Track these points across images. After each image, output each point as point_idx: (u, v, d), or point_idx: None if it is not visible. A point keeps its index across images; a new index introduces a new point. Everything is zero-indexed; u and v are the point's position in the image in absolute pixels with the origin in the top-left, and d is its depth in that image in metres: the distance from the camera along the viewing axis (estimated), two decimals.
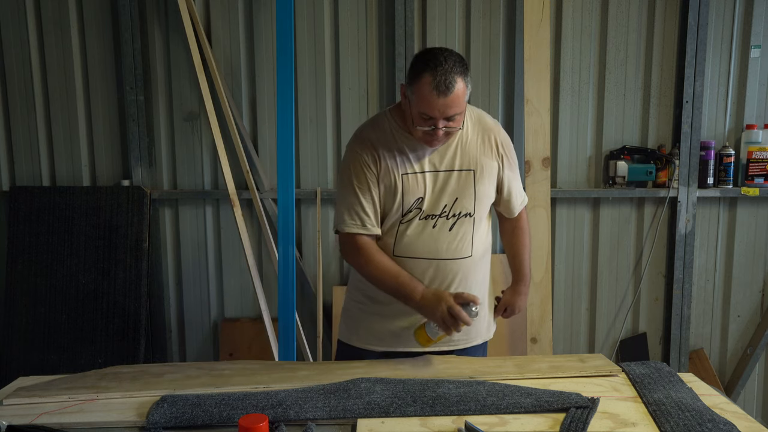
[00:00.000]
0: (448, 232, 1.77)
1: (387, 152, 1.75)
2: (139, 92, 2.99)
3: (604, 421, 1.33)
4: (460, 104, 1.63)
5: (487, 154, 1.80)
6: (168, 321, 3.18)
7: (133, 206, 2.98)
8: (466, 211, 1.77)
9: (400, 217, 1.76)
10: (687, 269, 3.08)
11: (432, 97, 1.60)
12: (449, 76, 1.59)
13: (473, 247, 1.80)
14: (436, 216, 1.76)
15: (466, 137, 1.78)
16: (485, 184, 1.79)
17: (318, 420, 1.35)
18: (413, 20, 2.95)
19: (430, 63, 1.61)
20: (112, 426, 1.35)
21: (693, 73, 2.96)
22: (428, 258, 1.76)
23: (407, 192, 1.74)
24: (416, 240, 1.76)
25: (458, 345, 1.85)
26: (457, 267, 1.78)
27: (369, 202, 1.75)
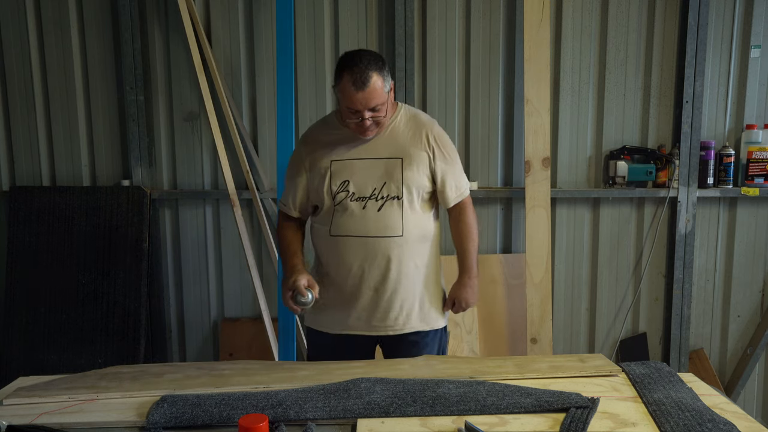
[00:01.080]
0: (377, 213, 1.96)
1: (324, 144, 2.01)
2: (139, 92, 2.99)
3: (604, 421, 1.33)
4: (378, 96, 1.86)
5: (416, 145, 1.99)
6: (168, 321, 3.18)
7: (133, 206, 2.98)
8: (394, 194, 1.96)
9: (332, 200, 1.98)
10: (687, 269, 3.08)
11: (352, 92, 1.85)
12: (364, 73, 1.84)
13: (404, 227, 1.96)
14: (366, 198, 1.96)
15: (397, 130, 2.00)
16: (413, 172, 1.97)
17: (318, 420, 1.35)
18: (413, 20, 2.95)
19: (348, 63, 1.87)
20: (112, 426, 1.35)
21: (693, 73, 2.96)
22: (359, 236, 1.96)
23: (335, 176, 1.97)
24: (348, 219, 1.96)
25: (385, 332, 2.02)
26: (386, 245, 1.95)
27: (293, 189, 2.05)
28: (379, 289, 1.97)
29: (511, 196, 3.05)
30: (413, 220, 1.98)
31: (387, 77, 1.90)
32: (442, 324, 2.12)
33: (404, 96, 2.96)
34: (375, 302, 1.99)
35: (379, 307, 1.99)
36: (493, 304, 3.03)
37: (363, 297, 1.98)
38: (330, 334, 2.05)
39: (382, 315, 2.00)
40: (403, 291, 1.99)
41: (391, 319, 2.00)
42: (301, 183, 2.04)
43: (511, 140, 3.05)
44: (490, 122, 3.03)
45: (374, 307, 1.99)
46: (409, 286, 2.00)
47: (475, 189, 3.00)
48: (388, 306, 1.99)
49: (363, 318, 2.00)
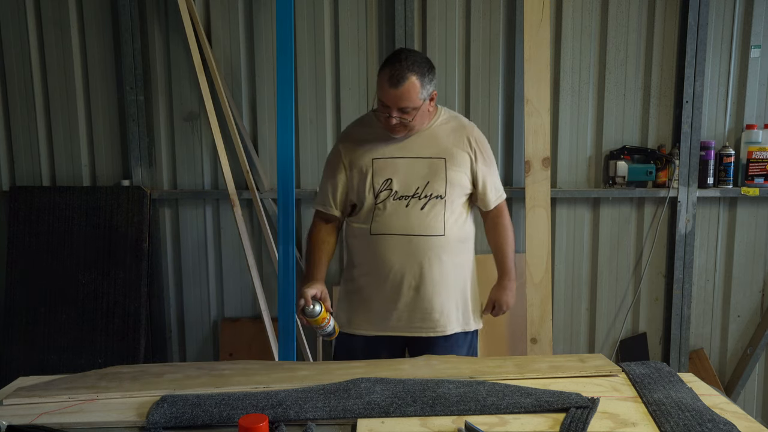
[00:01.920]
0: (420, 211, 1.95)
1: (364, 142, 2.00)
2: (139, 92, 2.99)
3: (604, 421, 1.33)
4: (410, 99, 1.86)
5: (458, 146, 1.99)
6: (168, 321, 3.18)
7: (133, 206, 2.98)
8: (437, 194, 1.95)
9: (374, 198, 1.97)
10: (687, 269, 3.08)
11: (386, 87, 1.87)
12: (403, 72, 1.84)
13: (446, 227, 1.96)
14: (409, 197, 1.95)
15: (439, 131, 2.01)
16: (456, 172, 1.97)
17: (318, 420, 1.34)
18: (413, 20, 2.95)
19: (392, 59, 1.89)
20: (112, 426, 1.35)
21: (693, 73, 2.96)
22: (401, 234, 1.95)
23: (377, 174, 1.97)
24: (390, 217, 1.95)
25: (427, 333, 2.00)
26: (429, 243, 1.95)
27: (332, 187, 2.03)
28: (420, 288, 1.96)
29: (511, 196, 3.04)
30: (454, 220, 1.98)
31: (428, 84, 1.89)
32: (479, 326, 2.11)
33: None
34: (416, 302, 1.98)
35: (420, 307, 1.98)
36: None
37: (404, 296, 1.97)
38: (364, 337, 2.03)
39: (423, 315, 1.98)
40: (444, 291, 1.98)
41: (433, 320, 1.99)
42: (341, 181, 2.02)
43: (511, 140, 3.05)
44: (490, 122, 3.03)
45: (414, 307, 1.98)
46: (449, 287, 1.99)
47: None
48: (429, 306, 1.98)
49: (404, 318, 1.99)
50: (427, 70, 1.90)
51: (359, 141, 2.02)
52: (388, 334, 2.01)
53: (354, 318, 2.05)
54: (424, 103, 1.90)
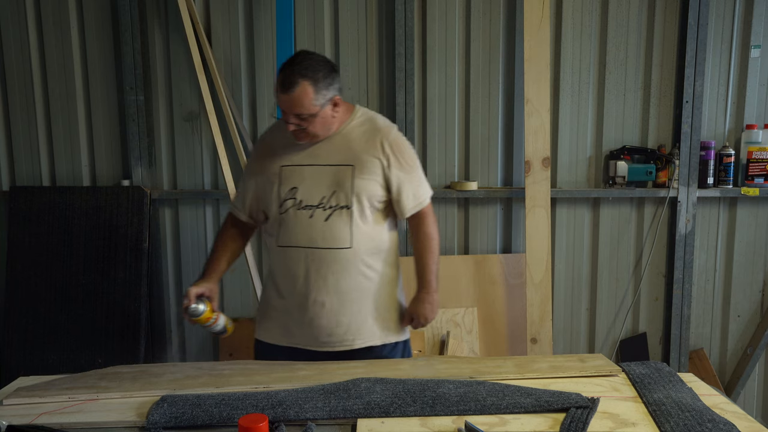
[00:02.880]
0: (324, 222, 1.86)
1: (277, 148, 1.94)
2: (139, 92, 2.99)
3: (604, 421, 1.33)
4: (303, 105, 1.78)
5: (370, 152, 1.88)
6: (168, 321, 3.18)
7: (133, 206, 2.98)
8: (342, 204, 1.86)
9: (279, 207, 1.89)
10: (687, 269, 3.08)
11: (279, 92, 1.80)
12: (293, 77, 1.76)
13: (353, 239, 1.86)
14: (313, 207, 1.87)
15: (350, 136, 1.91)
16: (365, 180, 1.86)
17: (318, 420, 1.35)
18: (413, 20, 2.95)
19: (286, 62, 1.81)
20: (112, 426, 1.35)
21: (693, 73, 2.96)
22: (305, 246, 1.87)
23: (283, 182, 1.89)
24: (294, 229, 1.88)
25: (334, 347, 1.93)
26: (333, 257, 1.86)
27: (243, 191, 2.00)
28: (326, 303, 1.87)
29: (511, 196, 3.05)
30: (364, 232, 1.87)
31: (324, 90, 1.79)
32: (401, 338, 2.02)
33: (404, 96, 2.96)
34: (321, 317, 1.89)
35: (326, 322, 1.89)
36: (493, 304, 3.03)
37: (309, 311, 1.88)
38: (279, 346, 1.96)
39: (329, 330, 1.90)
40: (351, 305, 1.89)
41: (339, 334, 1.90)
42: (251, 187, 1.97)
43: (511, 140, 3.05)
44: (490, 122, 3.03)
45: (320, 323, 1.89)
46: (358, 301, 1.90)
47: (475, 189, 3.01)
48: (335, 321, 1.89)
49: (309, 334, 1.91)
50: (324, 75, 1.79)
51: (271, 147, 1.95)
52: (299, 347, 1.94)
53: (269, 326, 2.00)
54: (321, 109, 1.80)
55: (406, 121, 2.97)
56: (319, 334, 1.91)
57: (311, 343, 1.93)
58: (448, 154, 3.05)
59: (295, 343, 1.94)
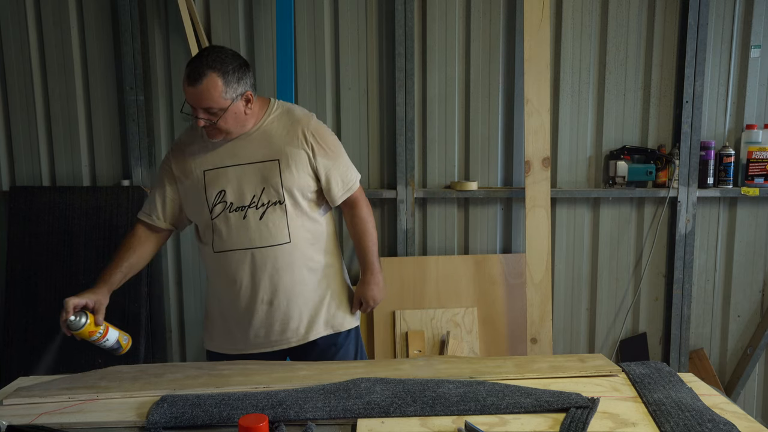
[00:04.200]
0: (259, 221, 1.84)
1: (195, 152, 1.88)
2: (139, 92, 2.99)
3: (604, 421, 1.33)
4: (211, 97, 1.73)
5: (293, 143, 1.86)
6: (168, 321, 3.17)
7: (133, 206, 2.98)
8: (275, 199, 1.84)
9: (209, 213, 1.86)
10: (687, 269, 3.08)
11: (185, 85, 1.75)
12: (201, 69, 1.72)
13: (291, 234, 1.85)
14: (245, 207, 1.84)
15: (270, 130, 1.88)
16: (293, 173, 1.85)
17: (318, 420, 1.34)
18: (413, 20, 2.95)
19: (197, 54, 1.79)
20: (112, 426, 1.35)
21: (693, 73, 2.96)
22: (243, 248, 1.85)
23: (209, 186, 1.85)
24: (229, 232, 1.85)
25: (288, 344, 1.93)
26: (275, 254, 1.85)
27: (161, 198, 1.92)
28: (274, 301, 1.87)
29: (511, 196, 3.05)
30: (300, 224, 1.87)
31: (235, 83, 1.76)
32: (353, 324, 2.03)
33: (404, 96, 2.96)
34: (271, 316, 1.89)
35: (277, 320, 1.89)
36: (493, 304, 3.03)
37: (258, 312, 1.88)
38: (232, 356, 1.92)
39: (281, 328, 1.90)
40: (299, 299, 1.89)
41: (292, 330, 1.90)
42: (170, 193, 1.92)
43: (511, 140, 3.05)
44: (490, 122, 3.03)
45: (271, 322, 1.89)
46: (306, 293, 1.90)
47: (475, 189, 3.01)
48: (286, 318, 1.89)
49: (261, 335, 1.90)
50: (234, 68, 1.76)
51: (189, 152, 1.89)
52: (250, 352, 1.92)
53: (215, 336, 1.99)
54: (232, 103, 1.77)
55: (406, 121, 2.97)
56: (271, 333, 1.90)
57: (263, 345, 1.91)
58: (448, 154, 3.05)
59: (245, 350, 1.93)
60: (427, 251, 3.09)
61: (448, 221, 3.09)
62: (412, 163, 3.01)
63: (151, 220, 1.95)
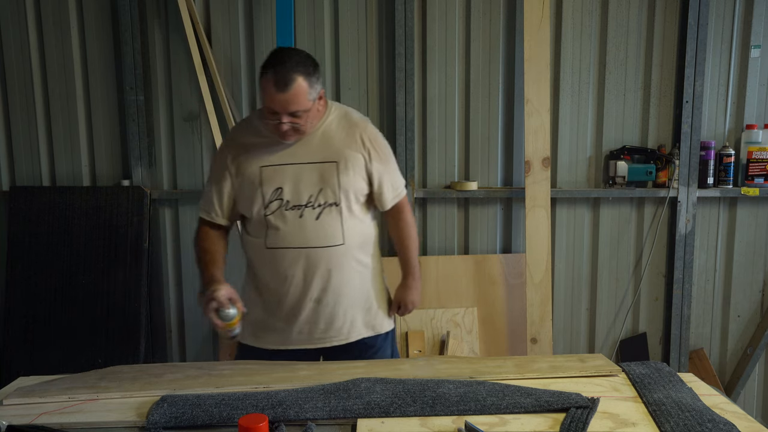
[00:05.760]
0: (315, 221, 1.85)
1: (251, 147, 1.88)
2: (139, 92, 2.99)
3: (604, 421, 1.33)
4: (300, 102, 1.75)
5: (351, 147, 1.88)
6: (168, 321, 3.17)
7: (133, 206, 2.98)
8: (331, 201, 1.85)
9: (264, 209, 1.86)
10: (687, 269, 3.08)
11: (273, 93, 1.73)
12: (289, 74, 1.72)
13: (344, 235, 1.87)
14: (302, 206, 1.85)
15: (330, 132, 1.89)
16: (350, 176, 1.87)
17: (318, 420, 1.35)
18: (413, 20, 2.95)
19: (274, 61, 1.76)
20: (112, 426, 1.35)
21: (693, 73, 2.96)
22: (298, 247, 1.85)
23: (266, 182, 1.85)
24: (285, 230, 1.85)
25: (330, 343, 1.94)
26: (327, 255, 1.86)
27: (218, 195, 1.91)
28: (322, 300, 1.89)
29: (511, 196, 3.05)
30: (353, 226, 1.88)
31: (315, 84, 1.78)
32: (391, 326, 2.06)
33: (404, 96, 2.96)
34: (317, 314, 1.90)
35: (322, 318, 1.91)
36: (493, 304, 3.03)
37: (305, 310, 1.89)
38: (268, 350, 1.94)
39: (326, 326, 1.92)
40: (346, 300, 1.91)
41: (335, 329, 1.92)
42: (227, 189, 1.90)
43: (511, 140, 3.05)
44: (490, 122, 3.03)
45: (317, 320, 1.91)
46: (352, 294, 1.92)
47: (475, 189, 3.01)
48: (331, 317, 1.91)
49: (305, 331, 1.92)
50: (313, 69, 1.79)
51: (246, 146, 1.89)
52: (288, 348, 1.94)
53: (256, 331, 1.97)
54: (313, 104, 1.79)
55: (406, 121, 2.97)
56: (314, 331, 1.92)
57: (305, 341, 1.93)
58: (448, 154, 3.05)
59: (289, 345, 1.94)
60: (427, 251, 3.09)
61: (448, 221, 3.09)
62: (412, 163, 3.01)
63: (210, 218, 1.94)
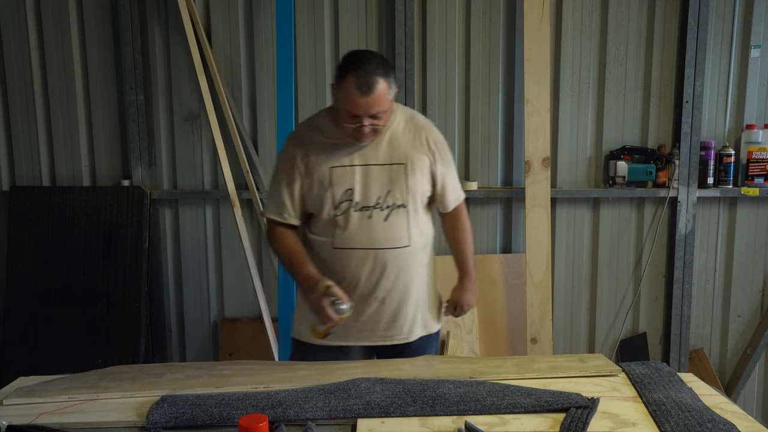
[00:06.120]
0: (384, 223, 1.86)
1: (318, 148, 1.87)
2: (139, 92, 2.99)
3: (604, 421, 1.33)
4: (382, 103, 1.75)
5: (418, 149, 1.89)
6: (168, 321, 3.18)
7: (133, 206, 2.98)
8: (399, 203, 1.86)
9: (333, 209, 1.86)
10: (687, 269, 3.08)
11: (355, 97, 1.72)
12: (371, 77, 1.71)
13: (410, 237, 1.89)
14: (371, 207, 1.86)
15: (397, 134, 1.89)
16: (417, 178, 1.88)
17: (318, 420, 1.34)
18: (413, 20, 2.95)
19: (354, 65, 1.74)
20: (112, 426, 1.35)
21: (693, 73, 2.96)
22: (366, 248, 1.86)
23: (336, 183, 1.85)
24: (353, 231, 1.86)
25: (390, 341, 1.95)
26: (394, 256, 1.87)
27: (289, 196, 1.89)
28: (386, 300, 1.91)
29: (511, 196, 3.05)
30: (417, 228, 1.90)
31: (392, 84, 1.79)
32: (439, 326, 2.09)
33: (404, 96, 2.96)
34: (380, 313, 1.92)
35: (385, 318, 1.93)
36: (493, 304, 3.03)
37: (368, 310, 1.91)
38: (325, 346, 1.92)
39: (387, 325, 1.94)
40: (409, 301, 1.93)
41: (396, 329, 1.94)
42: (297, 189, 1.89)
43: (511, 140, 3.06)
44: (490, 122, 3.03)
45: (379, 319, 1.92)
46: (414, 295, 1.94)
47: (475, 189, 3.01)
48: (394, 317, 1.93)
49: (367, 329, 1.93)
50: (391, 69, 1.80)
51: (314, 146, 1.88)
52: (349, 344, 1.94)
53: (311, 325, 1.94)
54: (391, 103, 1.80)
55: None
56: (377, 330, 1.94)
57: (367, 339, 1.95)
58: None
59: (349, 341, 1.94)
60: None
61: None
62: None
63: (283, 219, 1.92)
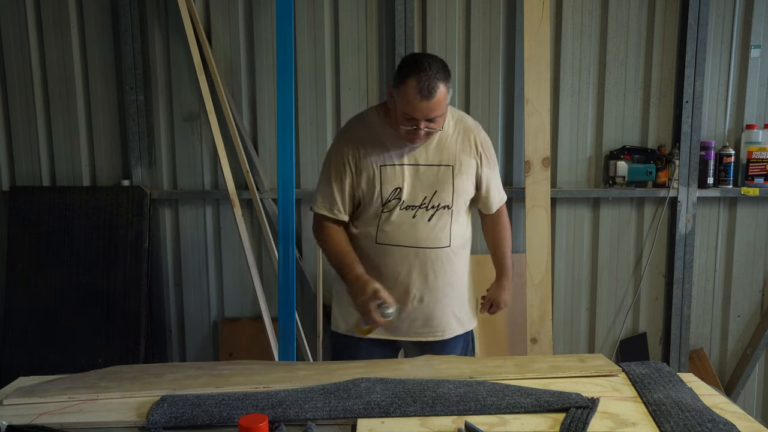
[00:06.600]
0: (427, 222, 1.90)
1: (369, 145, 1.89)
2: (139, 92, 2.99)
3: (604, 421, 1.33)
4: (441, 107, 1.78)
5: (466, 151, 1.92)
6: (168, 321, 3.18)
7: (133, 206, 2.98)
8: (444, 203, 1.90)
9: (380, 206, 1.89)
10: (687, 269, 3.08)
11: (416, 101, 1.74)
12: (432, 82, 1.73)
13: (451, 237, 1.92)
14: (416, 207, 1.89)
15: (446, 135, 1.92)
16: (463, 180, 1.91)
17: (318, 420, 1.34)
18: (413, 20, 2.95)
19: (416, 68, 1.75)
20: (112, 426, 1.35)
21: (693, 73, 2.96)
22: (408, 246, 1.90)
23: (385, 182, 1.88)
24: (397, 228, 1.89)
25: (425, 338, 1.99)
26: (435, 255, 1.91)
27: (339, 191, 1.91)
28: (425, 298, 1.94)
29: (511, 196, 3.03)
30: (458, 229, 1.94)
31: (450, 88, 1.81)
32: (474, 324, 2.11)
33: None
34: (418, 311, 1.95)
35: (422, 314, 1.96)
36: None
37: (407, 306, 1.93)
38: (364, 339, 1.97)
39: (425, 322, 1.97)
40: (446, 300, 1.96)
41: (433, 326, 1.98)
42: (348, 185, 1.90)
43: (511, 140, 3.05)
44: (490, 122, 3.03)
45: (416, 316, 1.96)
46: (452, 294, 1.98)
47: None
48: (431, 314, 1.96)
49: (404, 326, 1.97)
50: (449, 74, 1.81)
51: (364, 144, 1.90)
52: (387, 338, 1.99)
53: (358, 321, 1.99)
54: (447, 108, 1.84)
55: None
56: (413, 326, 1.98)
57: (404, 334, 1.98)
58: None
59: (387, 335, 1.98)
60: None
61: None
62: None
63: (333, 214, 1.93)
